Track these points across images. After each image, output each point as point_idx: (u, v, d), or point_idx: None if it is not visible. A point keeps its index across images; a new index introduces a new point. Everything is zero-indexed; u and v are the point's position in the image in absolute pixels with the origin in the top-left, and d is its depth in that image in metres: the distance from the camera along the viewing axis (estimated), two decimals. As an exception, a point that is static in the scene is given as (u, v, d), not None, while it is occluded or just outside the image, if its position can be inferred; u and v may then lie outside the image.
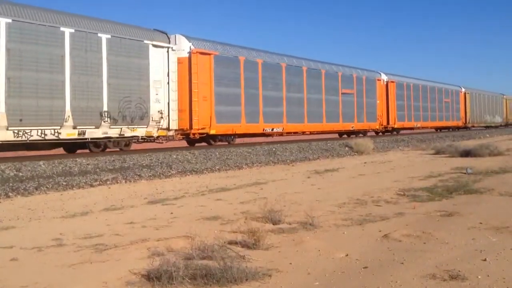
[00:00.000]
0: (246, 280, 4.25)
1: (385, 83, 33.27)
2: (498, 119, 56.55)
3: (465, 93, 46.78)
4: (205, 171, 14.23)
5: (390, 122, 33.57)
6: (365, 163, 16.45)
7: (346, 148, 21.74)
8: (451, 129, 44.37)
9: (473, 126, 48.73)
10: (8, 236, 6.30)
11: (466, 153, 17.89)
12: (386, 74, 34.09)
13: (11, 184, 10.57)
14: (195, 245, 5.14)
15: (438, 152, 20.06)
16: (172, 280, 4.19)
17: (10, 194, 9.95)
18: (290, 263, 4.86)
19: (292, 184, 11.24)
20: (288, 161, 17.34)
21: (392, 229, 6.17)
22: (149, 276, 4.36)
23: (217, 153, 16.86)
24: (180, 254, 5.08)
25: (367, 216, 7.17)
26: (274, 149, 19.32)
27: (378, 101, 31.86)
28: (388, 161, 16.84)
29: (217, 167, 14.87)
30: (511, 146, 23.03)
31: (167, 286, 4.16)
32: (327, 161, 17.89)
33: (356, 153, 20.83)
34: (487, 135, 37.89)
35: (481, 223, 6.49)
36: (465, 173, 12.22)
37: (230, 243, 5.56)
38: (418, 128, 37.98)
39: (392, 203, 8.30)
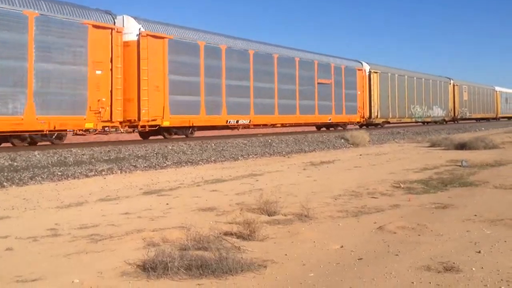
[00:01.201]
0: (242, 271, 4.26)
1: (135, 39, 16.74)
2: (439, 112, 41.27)
3: (370, 73, 31.22)
4: (200, 162, 14.23)
5: (146, 116, 16.72)
6: (360, 155, 16.48)
7: (342, 140, 21.78)
8: (341, 127, 29.45)
9: (387, 122, 33.77)
10: (3, 226, 6.28)
11: (462, 146, 17.95)
12: (139, 20, 17.16)
13: (5, 174, 10.54)
14: (191, 236, 5.15)
15: (433, 145, 20.12)
16: (167, 271, 4.19)
17: (5, 184, 9.92)
18: (286, 254, 4.87)
19: (288, 175, 11.25)
20: (283, 152, 17.36)
21: (387, 221, 6.19)
22: (144, 267, 4.36)
23: (213, 144, 16.84)
24: (176, 244, 5.08)
25: (363, 208, 7.19)
26: (270, 140, 19.31)
27: (101, 72, 15.56)
28: (383, 154, 16.88)
29: (213, 158, 14.86)
30: (507, 139, 23.11)
31: (162, 277, 4.16)
32: (322, 153, 17.91)
33: (351, 145, 20.88)
34: (482, 128, 37.95)
35: (475, 215, 6.52)
36: (460, 166, 12.26)
37: (226, 234, 5.57)
38: (246, 126, 21.81)
39: (387, 195, 8.33)
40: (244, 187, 9.45)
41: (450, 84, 44.38)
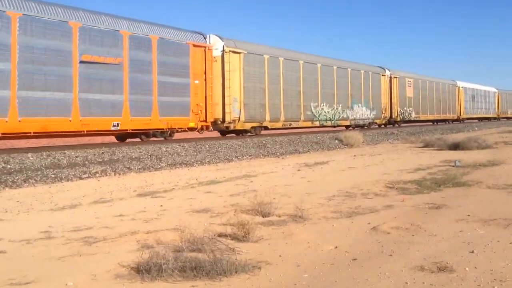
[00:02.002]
0: (236, 272, 4.26)
1: None
2: (364, 113, 30.39)
3: (224, 53, 20.22)
4: (195, 163, 14.21)
5: None
6: (354, 156, 16.51)
7: (336, 141, 21.82)
8: (156, 135, 18.57)
9: (263, 128, 22.78)
10: (-4, 229, 6.25)
11: (455, 146, 18.01)
12: None
13: (-1, 176, 10.49)
14: (185, 237, 5.14)
15: (427, 145, 20.18)
16: (161, 273, 4.18)
17: (-2, 186, 9.87)
18: (280, 256, 4.88)
19: (282, 177, 11.26)
20: (278, 154, 17.37)
21: (381, 222, 6.21)
22: (138, 269, 4.35)
23: (207, 146, 16.84)
24: (170, 246, 5.07)
25: (356, 208, 7.20)
26: (264, 141, 19.32)
27: None
28: (377, 154, 16.92)
29: (207, 160, 14.86)
30: (500, 139, 23.23)
31: (156, 279, 4.15)
32: (317, 154, 17.94)
33: (346, 146, 20.92)
34: (476, 128, 38.07)
35: (469, 215, 6.55)
36: (453, 166, 12.31)
37: (220, 235, 5.57)
38: None
39: (381, 196, 8.35)
40: (239, 188, 9.45)
41: (385, 75, 33.00)
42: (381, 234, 5.69)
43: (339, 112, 27.93)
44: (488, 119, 56.43)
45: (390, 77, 33.90)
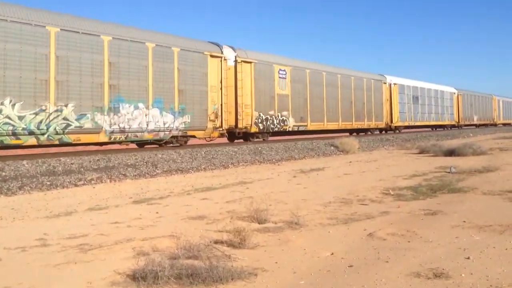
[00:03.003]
0: (232, 279, 4.25)
1: None
2: (153, 121, 16.49)
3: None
4: (190, 170, 14.19)
5: None
6: (350, 162, 16.53)
7: (332, 148, 21.84)
8: None
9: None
10: (-10, 236, 6.22)
11: (450, 153, 18.08)
12: None
13: (-7, 183, 10.44)
14: (181, 244, 5.13)
15: (422, 152, 20.24)
16: (157, 280, 4.17)
17: (-7, 193, 9.82)
18: (276, 262, 4.87)
19: (278, 183, 11.26)
20: (273, 160, 17.37)
21: (377, 228, 6.21)
22: (134, 276, 4.34)
23: (203, 152, 16.82)
24: (166, 253, 5.06)
25: (353, 215, 7.21)
26: (259, 148, 19.32)
27: None
28: (373, 161, 16.95)
29: (203, 166, 14.84)
30: (495, 145, 23.32)
31: (152, 286, 4.14)
32: (312, 160, 17.95)
33: (341, 152, 20.95)
34: (471, 135, 38.18)
35: (464, 221, 6.56)
36: (449, 172, 12.35)
37: (216, 242, 5.56)
38: None
39: (377, 202, 8.36)
40: (235, 195, 9.44)
41: (220, 57, 19.43)
42: (377, 240, 5.69)
43: (65, 118, 14.27)
44: (444, 127, 43.18)
45: (235, 61, 20.72)
